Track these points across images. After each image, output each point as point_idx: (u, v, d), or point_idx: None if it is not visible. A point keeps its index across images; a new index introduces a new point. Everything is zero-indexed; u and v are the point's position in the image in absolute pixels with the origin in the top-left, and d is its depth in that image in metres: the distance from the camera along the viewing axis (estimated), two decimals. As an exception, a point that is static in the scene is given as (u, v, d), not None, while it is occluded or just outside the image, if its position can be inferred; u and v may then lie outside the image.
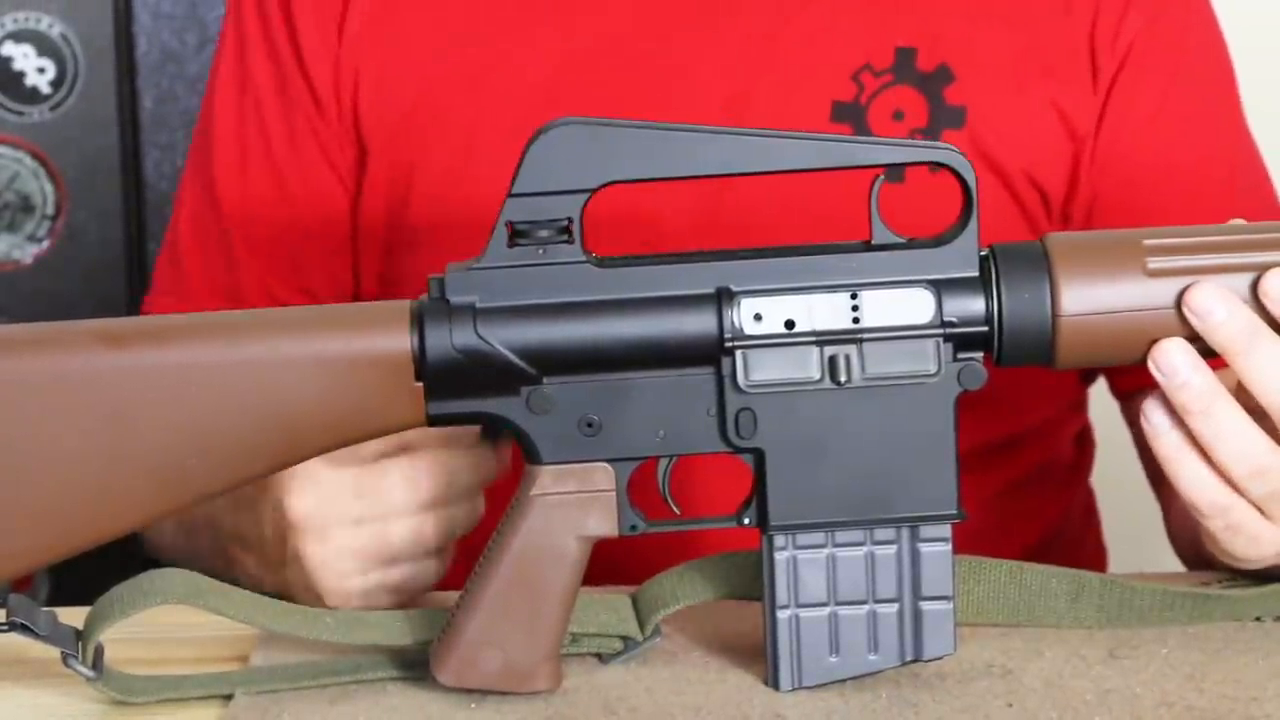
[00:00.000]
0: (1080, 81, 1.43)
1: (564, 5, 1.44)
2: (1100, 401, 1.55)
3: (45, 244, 1.99)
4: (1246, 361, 1.08)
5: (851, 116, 1.41)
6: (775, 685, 1.11)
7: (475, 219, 1.38)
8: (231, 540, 1.27)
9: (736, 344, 1.08)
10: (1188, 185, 1.44)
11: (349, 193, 1.47)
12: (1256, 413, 1.10)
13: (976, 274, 1.08)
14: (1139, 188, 1.43)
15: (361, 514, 1.18)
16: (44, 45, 1.97)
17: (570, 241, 1.08)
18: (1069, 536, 1.54)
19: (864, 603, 1.10)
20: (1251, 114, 1.52)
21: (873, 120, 1.41)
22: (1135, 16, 1.44)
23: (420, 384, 1.08)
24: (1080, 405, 1.55)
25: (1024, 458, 1.49)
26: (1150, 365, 1.09)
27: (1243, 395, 1.10)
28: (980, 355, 1.09)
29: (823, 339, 1.08)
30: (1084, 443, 1.57)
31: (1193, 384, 1.08)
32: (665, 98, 1.40)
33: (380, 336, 1.08)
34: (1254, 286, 1.08)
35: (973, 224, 1.08)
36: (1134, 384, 1.46)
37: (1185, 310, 1.08)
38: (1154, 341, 1.08)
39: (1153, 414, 1.10)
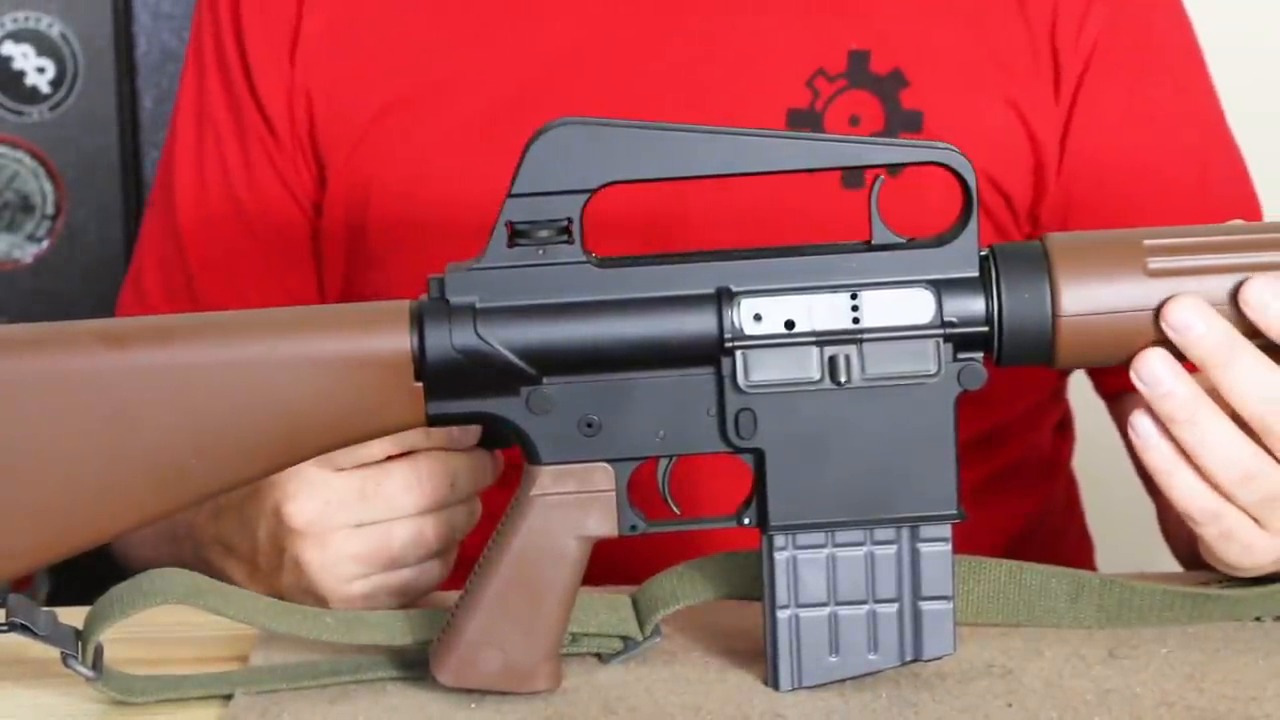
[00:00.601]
0: (1040, 81, 1.42)
1: (516, 16, 1.43)
2: (1082, 393, 1.55)
3: (45, 244, 1.99)
4: (1225, 374, 1.08)
5: (808, 124, 1.40)
6: (775, 685, 1.11)
7: (435, 229, 1.38)
8: (216, 548, 1.27)
9: (736, 344, 1.08)
10: (1158, 185, 1.43)
11: (306, 215, 1.47)
12: (1239, 423, 1.10)
13: (976, 274, 1.08)
14: (1110, 190, 1.43)
15: (362, 518, 1.18)
16: (44, 45, 1.97)
17: (570, 242, 1.08)
18: (1052, 525, 1.55)
19: (864, 603, 1.10)
20: (1250, 114, 1.52)
21: (830, 127, 1.40)
22: (1098, 15, 1.43)
23: (420, 384, 1.08)
24: (1060, 393, 1.55)
25: (1007, 448, 1.49)
26: (1132, 376, 1.09)
27: (1226, 405, 1.09)
28: (980, 355, 1.09)
29: (823, 339, 1.08)
30: (1064, 431, 1.57)
31: (1176, 393, 1.08)
32: (620, 110, 1.39)
33: (380, 336, 1.08)
34: (1233, 294, 1.08)
35: (973, 224, 1.08)
36: (1120, 385, 1.45)
37: (1163, 325, 1.07)
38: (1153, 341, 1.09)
39: (1140, 425, 1.10)
